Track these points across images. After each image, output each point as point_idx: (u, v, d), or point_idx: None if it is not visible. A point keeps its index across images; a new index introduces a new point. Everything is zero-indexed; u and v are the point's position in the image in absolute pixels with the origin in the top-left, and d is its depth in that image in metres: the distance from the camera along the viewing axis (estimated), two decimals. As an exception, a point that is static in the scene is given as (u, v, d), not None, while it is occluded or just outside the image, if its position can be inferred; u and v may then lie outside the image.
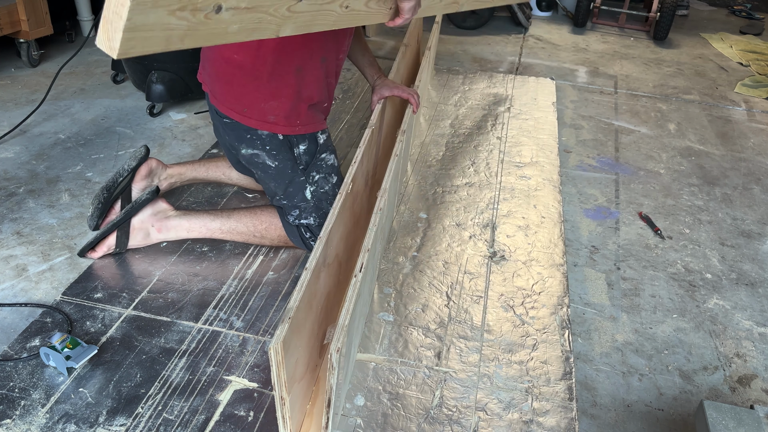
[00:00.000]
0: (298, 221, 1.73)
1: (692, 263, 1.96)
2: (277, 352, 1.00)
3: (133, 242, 1.76)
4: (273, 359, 1.01)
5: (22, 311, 1.57)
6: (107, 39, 0.81)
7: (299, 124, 1.64)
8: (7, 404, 1.30)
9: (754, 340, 1.68)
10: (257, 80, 1.57)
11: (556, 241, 1.86)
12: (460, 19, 4.10)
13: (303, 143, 1.67)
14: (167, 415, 1.30)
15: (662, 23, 4.05)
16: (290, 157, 1.67)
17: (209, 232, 1.77)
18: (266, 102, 1.59)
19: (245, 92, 1.59)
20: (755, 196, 2.38)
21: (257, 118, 1.61)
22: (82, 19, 3.39)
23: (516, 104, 2.76)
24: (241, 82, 1.59)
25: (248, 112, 1.61)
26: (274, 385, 1.05)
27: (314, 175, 1.71)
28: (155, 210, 1.76)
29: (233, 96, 1.61)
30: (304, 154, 1.68)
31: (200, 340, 1.50)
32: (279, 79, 1.57)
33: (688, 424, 1.41)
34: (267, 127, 1.62)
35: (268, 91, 1.58)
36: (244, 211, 1.80)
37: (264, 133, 1.63)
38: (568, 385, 1.39)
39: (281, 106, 1.60)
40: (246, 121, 1.62)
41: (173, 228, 1.76)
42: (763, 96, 3.35)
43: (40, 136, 2.41)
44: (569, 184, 2.35)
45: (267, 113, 1.60)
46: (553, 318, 1.58)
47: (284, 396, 1.07)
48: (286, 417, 1.10)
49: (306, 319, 1.16)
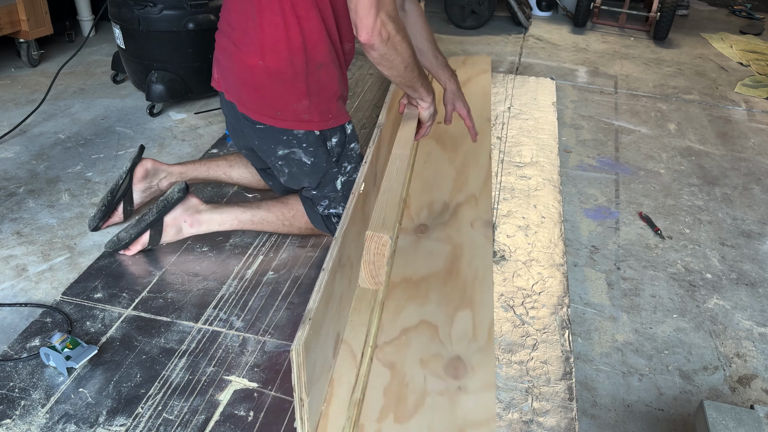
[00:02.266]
0: (328, 211, 1.76)
1: (692, 263, 1.96)
2: (298, 353, 1.00)
3: (166, 238, 1.78)
4: (294, 361, 1.01)
5: (22, 311, 1.57)
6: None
7: (331, 118, 1.66)
8: (7, 404, 1.30)
9: (754, 340, 1.68)
10: (286, 83, 1.58)
11: (556, 241, 1.86)
12: (460, 19, 4.10)
13: (335, 135, 1.69)
14: (167, 415, 1.30)
15: (662, 23, 4.05)
16: (324, 151, 1.69)
17: (240, 223, 1.80)
18: (299, 102, 1.60)
19: (277, 96, 1.60)
20: (755, 196, 2.38)
21: (292, 119, 1.62)
22: (82, 19, 3.39)
23: (516, 104, 2.76)
24: (271, 87, 1.59)
25: (282, 114, 1.62)
26: (294, 387, 1.05)
27: (345, 165, 1.74)
28: (186, 206, 1.78)
29: (265, 101, 1.61)
30: (336, 146, 1.71)
31: (200, 340, 1.50)
32: (307, 78, 1.58)
33: (688, 424, 1.41)
34: (303, 126, 1.63)
35: (300, 91, 1.59)
36: (272, 201, 1.84)
37: (300, 132, 1.64)
38: (568, 385, 1.39)
39: (313, 103, 1.61)
40: (281, 123, 1.63)
41: (205, 222, 1.79)
42: (763, 96, 3.35)
43: (40, 136, 2.41)
44: (569, 184, 2.35)
45: (301, 113, 1.62)
46: (553, 318, 1.58)
47: (303, 397, 1.07)
48: (305, 418, 1.10)
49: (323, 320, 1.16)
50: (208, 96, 2.77)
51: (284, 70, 1.57)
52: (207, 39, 2.52)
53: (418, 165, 2.13)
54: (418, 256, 1.69)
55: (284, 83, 1.58)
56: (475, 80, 2.81)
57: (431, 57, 1.87)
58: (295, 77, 1.57)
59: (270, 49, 1.55)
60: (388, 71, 1.53)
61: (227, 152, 2.32)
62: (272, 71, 1.57)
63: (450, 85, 1.88)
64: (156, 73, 2.53)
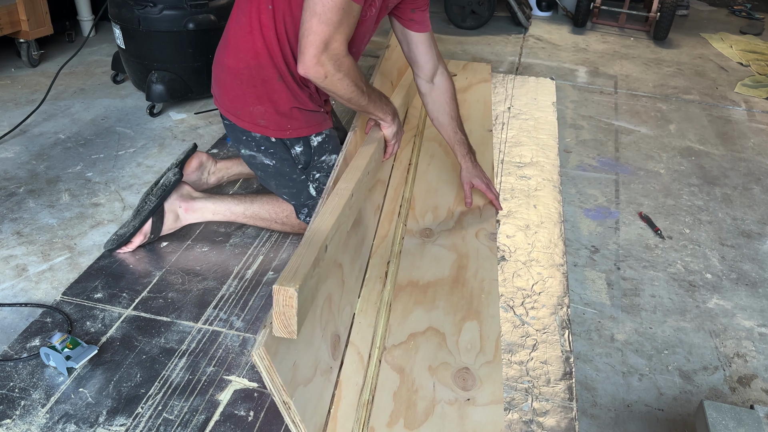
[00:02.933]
0: (308, 219, 1.75)
1: (692, 263, 1.96)
2: (262, 357, 0.99)
3: (165, 227, 1.78)
4: (260, 365, 1.00)
5: (22, 311, 1.57)
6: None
7: (289, 129, 1.66)
8: (7, 404, 1.30)
9: (754, 340, 1.68)
10: (243, 84, 1.61)
11: (556, 241, 1.86)
12: (460, 19, 4.10)
13: (298, 145, 1.69)
14: (167, 415, 1.30)
15: (662, 23, 4.05)
16: (287, 157, 1.69)
17: (233, 215, 1.81)
18: (254, 106, 1.62)
19: (236, 95, 1.63)
20: (755, 196, 2.38)
21: (249, 120, 1.64)
22: (82, 19, 3.39)
23: (516, 104, 2.76)
24: (232, 86, 1.63)
25: (241, 114, 1.64)
26: (270, 391, 1.05)
27: (314, 173, 1.73)
28: (180, 192, 1.80)
29: (228, 99, 1.66)
30: (301, 155, 1.71)
31: (200, 340, 1.50)
32: (263, 85, 1.60)
33: (688, 424, 1.41)
34: (259, 129, 1.65)
35: (254, 95, 1.61)
36: (266, 198, 1.84)
37: (257, 135, 1.66)
38: (568, 385, 1.39)
39: (267, 110, 1.62)
40: (240, 123, 1.66)
41: (199, 209, 1.80)
42: (763, 96, 3.35)
43: (40, 136, 2.41)
44: (569, 184, 2.35)
45: (257, 117, 1.64)
46: (553, 318, 1.58)
47: (287, 400, 1.06)
48: (296, 421, 1.09)
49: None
50: (208, 96, 2.77)
51: (242, 71, 1.59)
52: (207, 39, 2.52)
53: (422, 166, 2.13)
54: (424, 261, 1.69)
55: (241, 84, 1.61)
56: (475, 88, 2.81)
57: (450, 133, 1.84)
58: (251, 81, 1.60)
59: (234, 49, 1.59)
60: (333, 97, 1.54)
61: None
62: (233, 70, 1.60)
63: (465, 163, 1.87)
64: (156, 73, 2.53)
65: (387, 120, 1.68)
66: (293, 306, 1.00)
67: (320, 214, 1.27)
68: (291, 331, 1.02)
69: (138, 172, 2.20)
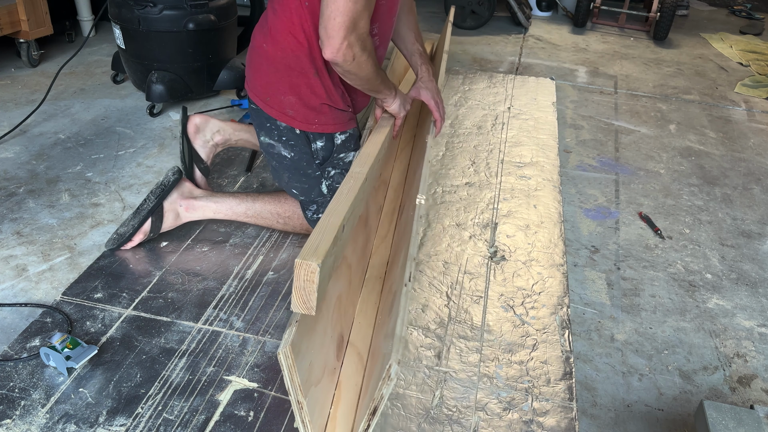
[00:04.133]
0: (317, 215, 1.75)
1: (692, 263, 1.96)
2: (287, 356, 1.00)
3: (165, 225, 1.78)
4: (284, 363, 1.01)
5: (22, 311, 1.57)
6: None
7: (317, 123, 1.66)
8: (7, 404, 1.30)
9: (754, 340, 1.68)
10: (279, 73, 1.61)
11: (556, 241, 1.86)
12: (460, 19, 4.10)
13: (320, 140, 1.69)
14: (167, 415, 1.30)
15: (662, 23, 4.05)
16: (307, 151, 1.69)
17: (235, 215, 1.81)
18: (285, 95, 1.62)
19: (269, 82, 1.63)
20: (755, 196, 2.38)
21: (278, 109, 1.64)
22: (82, 19, 3.39)
23: (516, 104, 2.76)
24: (267, 72, 1.63)
25: (270, 101, 1.64)
26: (288, 390, 1.05)
27: (330, 170, 1.73)
28: (181, 190, 1.80)
29: (260, 84, 1.66)
30: (321, 150, 1.71)
31: (200, 340, 1.50)
32: (298, 77, 1.60)
33: (688, 424, 1.41)
34: (285, 119, 1.65)
35: (288, 85, 1.61)
36: (269, 197, 1.83)
37: (282, 125, 1.66)
38: (568, 385, 1.39)
39: (298, 102, 1.62)
40: (268, 110, 1.66)
41: (200, 208, 1.80)
42: (763, 96, 3.35)
43: (40, 136, 2.41)
44: (569, 184, 2.35)
45: (286, 106, 1.63)
46: (553, 318, 1.58)
47: (301, 400, 1.07)
48: (306, 421, 1.10)
49: (316, 322, 1.16)
50: (208, 96, 2.77)
51: (280, 60, 1.59)
52: (207, 39, 2.52)
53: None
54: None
55: (277, 72, 1.61)
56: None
57: (409, 44, 1.88)
58: (287, 71, 1.59)
59: (274, 35, 1.58)
60: (350, 82, 1.55)
61: None
62: (270, 57, 1.60)
63: (421, 73, 1.86)
64: (156, 73, 2.53)
65: (390, 97, 1.68)
66: (314, 281, 0.99)
67: (337, 194, 1.27)
68: (310, 307, 1.01)
69: (138, 172, 2.20)
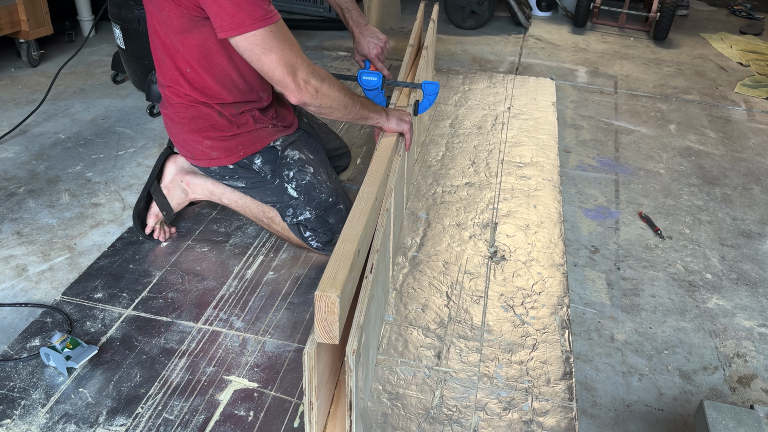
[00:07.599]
0: (296, 219, 1.74)
1: (692, 263, 1.96)
2: (310, 357, 1.01)
3: (176, 201, 1.82)
4: (306, 364, 1.01)
5: (22, 311, 1.57)
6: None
7: (242, 150, 1.67)
8: (7, 404, 1.30)
9: (754, 340, 1.68)
10: (185, 127, 1.64)
11: (556, 241, 1.86)
12: (460, 19, 4.10)
13: (257, 158, 1.69)
14: (167, 415, 1.30)
15: (662, 23, 4.05)
16: (253, 173, 1.71)
17: (228, 201, 1.82)
18: (201, 143, 1.65)
19: (185, 140, 1.67)
20: (755, 196, 2.38)
21: (204, 158, 1.68)
22: (82, 19, 3.39)
23: (516, 104, 2.76)
24: (178, 133, 1.67)
25: (195, 155, 1.68)
26: (304, 390, 1.06)
27: (286, 173, 1.72)
28: (178, 165, 1.82)
29: (180, 145, 1.70)
30: (264, 164, 1.70)
31: (200, 340, 1.50)
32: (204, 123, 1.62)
33: (688, 424, 1.41)
34: (214, 163, 1.68)
35: (199, 135, 1.64)
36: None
37: (215, 168, 1.69)
38: (568, 385, 1.39)
39: (215, 144, 1.65)
40: (197, 163, 1.70)
41: (198, 186, 1.81)
42: (763, 96, 3.35)
43: (40, 136, 2.41)
44: (569, 184, 2.35)
45: (208, 152, 1.66)
46: (553, 318, 1.58)
47: (313, 401, 1.07)
48: (313, 421, 1.10)
49: None
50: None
51: (181, 118, 1.63)
52: (207, 39, 2.51)
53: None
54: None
55: (184, 129, 1.64)
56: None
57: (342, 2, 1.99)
58: (191, 122, 1.62)
59: (168, 101, 1.64)
60: (332, 117, 1.56)
61: None
62: (173, 119, 1.65)
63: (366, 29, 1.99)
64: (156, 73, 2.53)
65: (383, 117, 1.69)
66: (335, 312, 1.02)
67: (349, 219, 1.27)
68: (333, 337, 1.03)
69: (138, 172, 2.20)
